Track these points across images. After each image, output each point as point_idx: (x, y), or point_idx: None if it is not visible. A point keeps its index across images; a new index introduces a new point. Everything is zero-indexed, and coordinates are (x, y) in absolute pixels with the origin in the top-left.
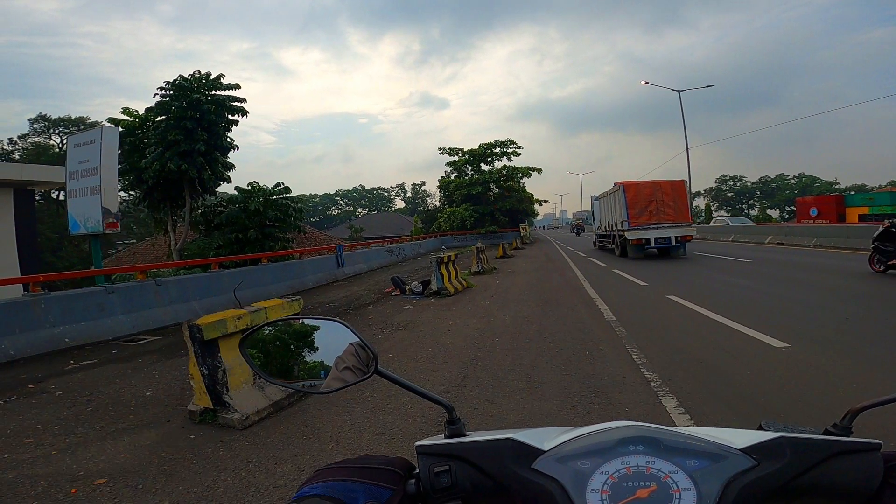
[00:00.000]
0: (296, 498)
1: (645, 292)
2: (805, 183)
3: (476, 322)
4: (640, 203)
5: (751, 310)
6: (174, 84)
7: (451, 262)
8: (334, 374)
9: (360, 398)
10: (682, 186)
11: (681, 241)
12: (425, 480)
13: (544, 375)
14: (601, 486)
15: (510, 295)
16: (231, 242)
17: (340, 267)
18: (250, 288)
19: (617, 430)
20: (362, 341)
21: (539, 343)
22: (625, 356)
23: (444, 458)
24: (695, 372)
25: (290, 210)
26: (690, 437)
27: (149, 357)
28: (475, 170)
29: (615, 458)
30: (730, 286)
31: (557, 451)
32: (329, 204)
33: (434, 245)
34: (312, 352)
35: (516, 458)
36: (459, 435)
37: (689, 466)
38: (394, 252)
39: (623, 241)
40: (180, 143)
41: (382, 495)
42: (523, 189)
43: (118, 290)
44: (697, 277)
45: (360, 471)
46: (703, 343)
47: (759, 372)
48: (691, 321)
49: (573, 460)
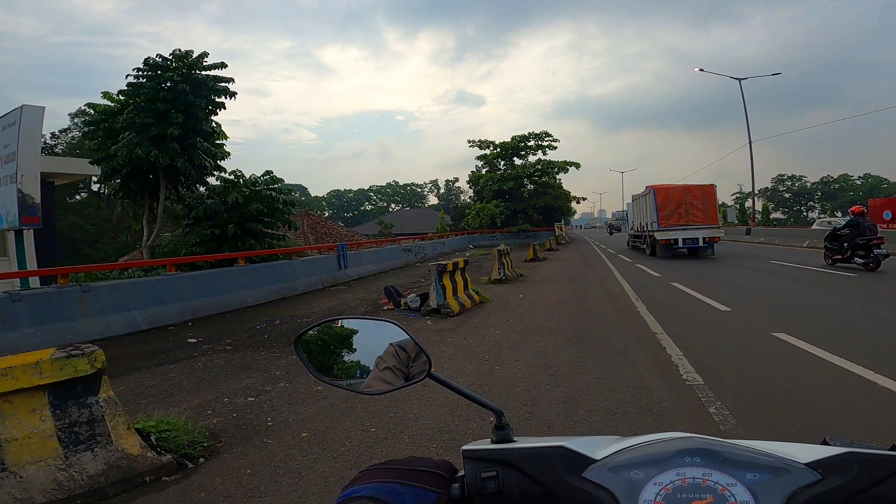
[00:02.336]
0: (343, 498)
1: (735, 324)
2: (871, 184)
3: (472, 371)
4: (669, 205)
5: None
6: (148, 63)
7: (458, 270)
8: (375, 375)
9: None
10: (711, 190)
11: (708, 242)
12: (471, 485)
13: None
14: (654, 496)
15: (533, 318)
16: (207, 239)
17: (342, 268)
18: (217, 294)
19: (673, 441)
20: (417, 344)
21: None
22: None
23: (491, 463)
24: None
25: (276, 203)
26: (751, 450)
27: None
28: (508, 164)
29: (670, 470)
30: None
31: (610, 460)
32: (362, 200)
33: (459, 244)
34: (351, 352)
35: (567, 465)
36: (507, 440)
37: (749, 479)
38: (411, 251)
39: (653, 240)
40: (150, 127)
41: (428, 499)
42: (559, 185)
43: (27, 298)
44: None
45: (406, 472)
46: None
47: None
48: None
49: (626, 470)
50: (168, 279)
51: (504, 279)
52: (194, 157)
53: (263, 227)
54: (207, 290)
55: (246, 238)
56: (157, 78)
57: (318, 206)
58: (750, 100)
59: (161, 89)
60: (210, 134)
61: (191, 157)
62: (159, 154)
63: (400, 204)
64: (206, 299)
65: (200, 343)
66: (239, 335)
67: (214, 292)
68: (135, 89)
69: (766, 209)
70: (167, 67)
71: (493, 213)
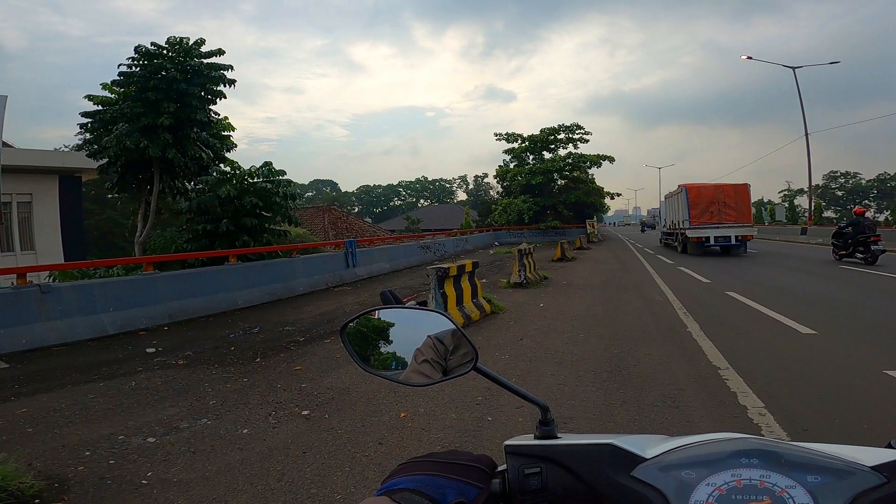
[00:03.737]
0: (384, 490)
1: (829, 355)
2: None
3: (453, 419)
4: (701, 204)
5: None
6: (139, 51)
7: (465, 274)
8: (413, 367)
9: None
10: (744, 190)
11: (741, 240)
12: (513, 481)
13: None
14: (706, 497)
15: (552, 339)
16: (199, 236)
17: (350, 267)
18: (202, 296)
19: (728, 441)
20: (464, 336)
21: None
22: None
23: (534, 459)
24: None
25: (272, 196)
26: (812, 452)
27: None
28: (537, 158)
29: (724, 471)
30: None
31: (660, 459)
32: (391, 195)
33: (484, 241)
34: (387, 343)
35: (615, 464)
36: (551, 437)
37: (810, 482)
38: (430, 248)
39: (684, 238)
40: (140, 117)
41: (469, 493)
42: (592, 180)
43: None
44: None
45: (446, 466)
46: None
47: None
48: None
49: (677, 470)
50: (143, 279)
51: (525, 283)
52: (188, 149)
53: (261, 223)
54: (190, 291)
55: (239, 234)
56: (149, 66)
57: (347, 201)
58: (794, 96)
59: (152, 78)
60: (206, 124)
61: (184, 148)
62: (149, 145)
63: (429, 199)
64: (188, 301)
65: (157, 354)
66: (204, 345)
67: (198, 293)
68: (126, 79)
69: (818, 208)
70: (159, 55)
71: (520, 208)
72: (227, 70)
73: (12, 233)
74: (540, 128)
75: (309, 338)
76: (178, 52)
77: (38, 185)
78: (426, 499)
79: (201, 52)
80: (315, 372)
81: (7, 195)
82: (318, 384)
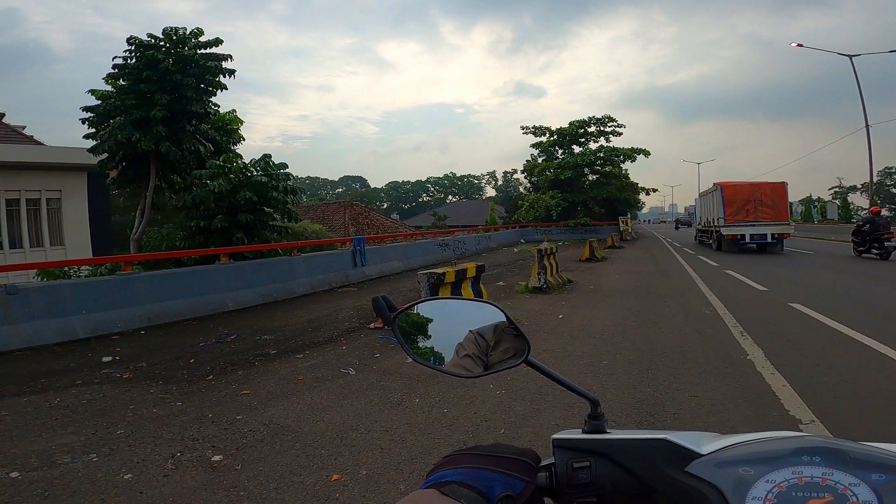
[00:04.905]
0: (431, 482)
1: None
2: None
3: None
4: (737, 202)
5: None
6: (132, 42)
7: (467, 280)
8: (455, 361)
9: None
10: (782, 188)
11: (777, 238)
12: (561, 475)
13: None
14: (765, 494)
15: (569, 364)
16: (193, 233)
17: (358, 266)
18: (187, 297)
19: (789, 439)
20: (517, 328)
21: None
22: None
23: (583, 453)
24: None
25: (269, 191)
26: (878, 450)
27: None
28: (566, 152)
29: (785, 468)
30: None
31: (717, 455)
32: (419, 191)
33: (509, 238)
34: (426, 337)
35: (669, 459)
36: (600, 431)
37: (875, 480)
38: (448, 246)
39: (719, 235)
40: (132, 109)
41: (516, 486)
42: (625, 175)
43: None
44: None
45: (492, 459)
46: None
47: None
48: None
49: (734, 466)
50: (120, 280)
51: (545, 288)
52: (184, 142)
53: (258, 219)
54: (173, 293)
55: (234, 231)
56: (143, 58)
57: (376, 197)
58: (850, 86)
59: (144, 69)
60: (203, 116)
61: (179, 141)
62: (141, 138)
63: (457, 195)
64: (170, 303)
65: (112, 364)
66: (166, 355)
67: (183, 295)
68: (120, 71)
69: (875, 204)
70: (152, 46)
71: (548, 204)
72: (226, 60)
73: (42, 228)
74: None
75: (282, 351)
76: (174, 43)
77: (67, 181)
78: (474, 492)
79: (200, 42)
80: (262, 398)
81: (36, 191)
82: (255, 417)
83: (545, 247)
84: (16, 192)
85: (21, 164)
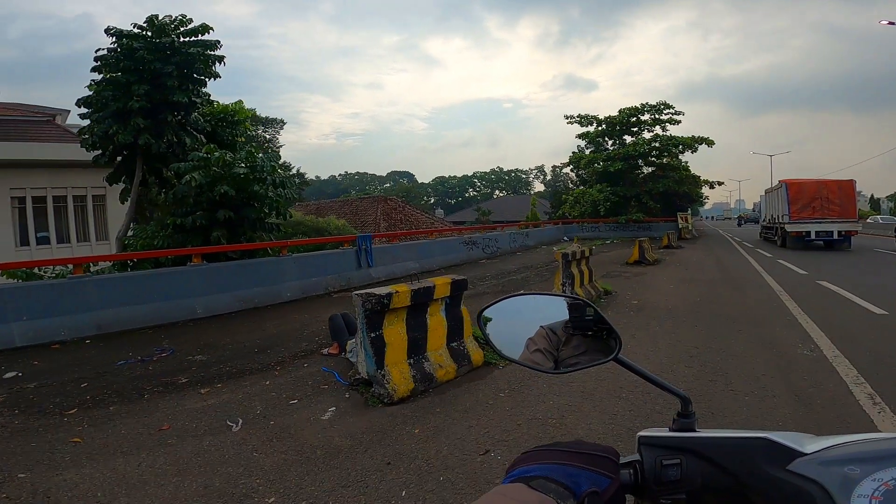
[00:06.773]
0: (515, 476)
1: None
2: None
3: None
4: (802, 199)
5: None
6: (111, 32)
7: (433, 303)
8: (524, 356)
9: None
10: (850, 186)
11: (844, 235)
12: (649, 471)
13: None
14: (871, 491)
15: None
16: (172, 231)
17: (363, 267)
18: (147, 303)
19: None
20: (608, 323)
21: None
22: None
23: (672, 450)
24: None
25: (251, 185)
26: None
27: None
28: (616, 142)
29: (892, 467)
30: None
31: (821, 454)
32: (466, 186)
33: (551, 235)
34: (498, 333)
35: (769, 457)
36: (690, 430)
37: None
38: (477, 244)
39: (783, 232)
40: (109, 101)
41: (601, 483)
42: (685, 167)
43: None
44: None
45: (575, 455)
46: None
47: None
48: None
49: (840, 465)
50: (69, 283)
51: None
52: (165, 133)
53: (243, 215)
54: (130, 298)
55: (211, 229)
56: (122, 48)
57: (423, 192)
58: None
59: (122, 59)
60: (189, 106)
61: (160, 132)
62: (119, 131)
63: (504, 190)
64: (126, 309)
65: (12, 381)
66: (71, 374)
67: (142, 300)
68: (102, 63)
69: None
70: (130, 35)
71: (594, 198)
72: (214, 48)
73: (88, 224)
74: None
75: (196, 379)
76: (156, 32)
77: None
78: (561, 487)
79: (187, 30)
80: (88, 452)
81: (83, 188)
82: (42, 478)
83: (573, 249)
84: (63, 189)
85: (69, 163)
